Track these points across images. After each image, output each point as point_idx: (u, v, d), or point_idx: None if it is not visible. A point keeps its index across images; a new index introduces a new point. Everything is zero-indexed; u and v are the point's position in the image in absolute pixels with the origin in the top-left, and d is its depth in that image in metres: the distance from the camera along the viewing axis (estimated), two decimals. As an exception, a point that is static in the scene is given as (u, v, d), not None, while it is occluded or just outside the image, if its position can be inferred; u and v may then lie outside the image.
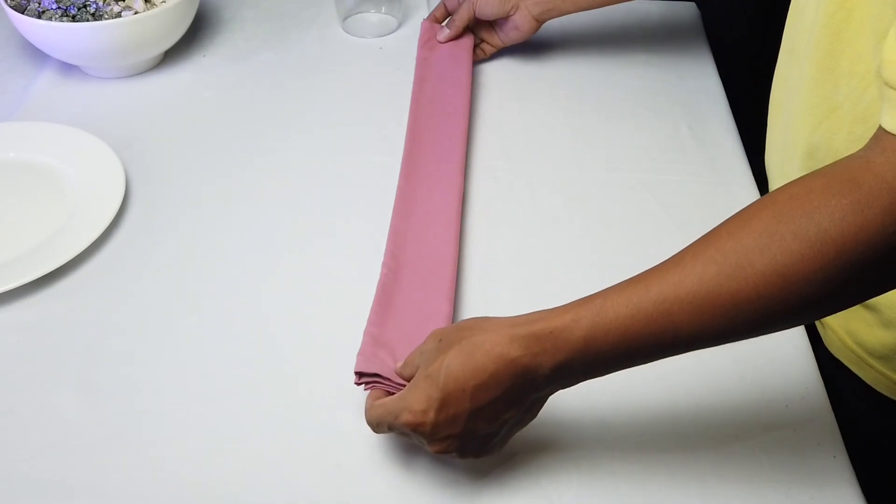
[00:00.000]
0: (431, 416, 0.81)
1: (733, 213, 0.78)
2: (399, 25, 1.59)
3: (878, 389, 1.05)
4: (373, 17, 1.59)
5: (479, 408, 0.81)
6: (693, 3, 1.67)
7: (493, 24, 1.46)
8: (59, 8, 1.36)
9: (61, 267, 1.10)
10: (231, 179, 1.26)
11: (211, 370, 1.01)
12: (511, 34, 1.45)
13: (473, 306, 1.08)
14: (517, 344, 0.80)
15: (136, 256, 1.14)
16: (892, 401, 1.05)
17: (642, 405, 0.98)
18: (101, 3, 1.38)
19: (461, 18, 1.45)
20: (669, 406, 0.98)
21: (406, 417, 0.82)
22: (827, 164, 0.76)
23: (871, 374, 1.05)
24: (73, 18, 1.36)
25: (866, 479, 0.95)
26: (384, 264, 1.08)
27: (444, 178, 1.21)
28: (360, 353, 0.95)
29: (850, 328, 1.05)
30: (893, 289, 0.81)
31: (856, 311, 1.04)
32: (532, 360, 0.80)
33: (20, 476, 0.91)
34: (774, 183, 1.16)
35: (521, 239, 1.17)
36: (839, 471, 0.93)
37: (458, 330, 0.84)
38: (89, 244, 1.12)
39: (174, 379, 1.00)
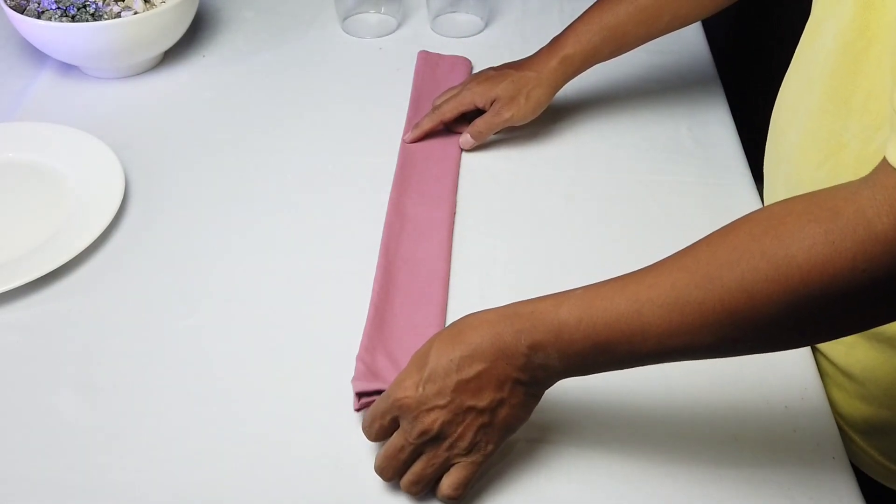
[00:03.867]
0: (420, 389, 0.83)
1: (729, 220, 0.78)
2: (398, 26, 1.59)
3: (863, 470, 1.04)
4: (372, 18, 1.59)
5: (466, 379, 0.82)
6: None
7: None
8: (58, 8, 1.36)
9: (61, 267, 1.10)
10: (230, 180, 1.26)
11: (210, 371, 1.01)
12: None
13: (471, 308, 1.08)
14: (502, 320, 0.83)
15: (135, 257, 1.14)
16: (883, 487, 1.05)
17: (642, 406, 0.98)
18: (100, 4, 1.38)
19: (432, 121, 1.32)
20: (669, 407, 0.98)
21: (394, 393, 0.84)
22: None
23: (853, 449, 1.04)
24: (73, 19, 1.36)
25: (866, 479, 0.95)
26: (375, 280, 1.09)
27: (437, 193, 1.23)
28: (356, 379, 0.96)
29: (830, 396, 1.03)
30: (864, 330, 0.81)
31: (834, 377, 1.04)
32: (513, 336, 0.81)
33: (19, 476, 0.91)
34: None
35: (520, 240, 1.17)
36: (839, 471, 0.93)
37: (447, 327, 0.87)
38: (89, 244, 1.13)
39: (173, 379, 1.00)
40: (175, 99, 1.42)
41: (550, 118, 1.36)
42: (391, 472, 0.88)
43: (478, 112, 1.30)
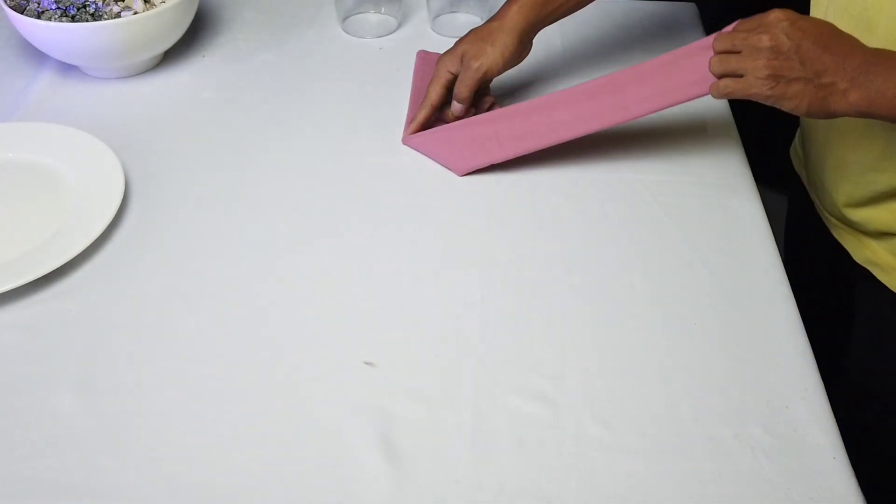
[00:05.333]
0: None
1: (730, 220, 0.78)
2: (399, 26, 1.59)
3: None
4: (372, 18, 1.59)
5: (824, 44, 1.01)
6: (692, 4, 1.68)
7: None
8: (58, 8, 1.36)
9: (61, 267, 1.10)
10: (230, 180, 1.26)
11: (210, 371, 1.01)
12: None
13: (471, 310, 1.08)
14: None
15: (135, 257, 1.14)
16: None
17: (642, 405, 0.98)
18: (100, 4, 1.38)
19: (424, 109, 1.34)
20: (669, 406, 0.98)
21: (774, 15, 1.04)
22: None
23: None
24: (73, 19, 1.36)
25: (866, 479, 0.95)
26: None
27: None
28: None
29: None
30: None
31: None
32: None
33: (19, 476, 0.91)
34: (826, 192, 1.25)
35: (521, 239, 1.18)
36: (839, 471, 0.93)
37: None
38: (88, 245, 1.12)
39: (173, 379, 1.00)
40: (175, 99, 1.42)
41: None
42: None
43: None
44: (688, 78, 1.17)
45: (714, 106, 1.40)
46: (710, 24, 1.60)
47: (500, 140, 1.27)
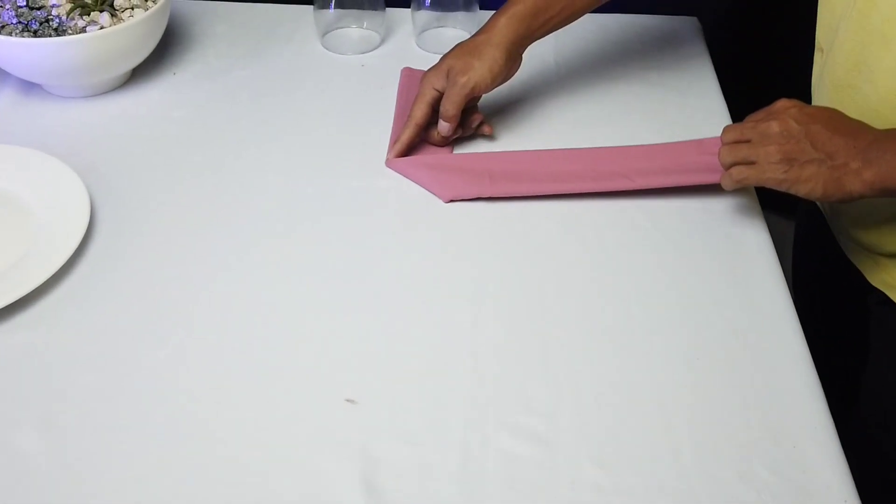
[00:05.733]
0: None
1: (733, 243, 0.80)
2: (382, 41, 1.61)
3: None
4: (354, 33, 1.60)
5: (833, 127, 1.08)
6: (695, 17, 1.69)
7: None
8: (19, 23, 1.36)
9: (23, 298, 1.11)
10: (204, 205, 1.27)
11: (183, 408, 1.01)
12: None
13: (459, 344, 1.09)
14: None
15: (102, 287, 1.15)
16: None
17: (641, 444, 0.99)
18: (64, 18, 1.38)
19: (409, 129, 1.34)
20: (670, 445, 0.99)
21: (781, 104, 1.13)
22: None
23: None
24: (35, 34, 1.36)
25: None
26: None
27: None
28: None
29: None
30: None
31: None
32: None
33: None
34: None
35: (512, 268, 1.19)
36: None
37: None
38: (52, 274, 1.13)
39: (144, 417, 1.00)
40: (144, 119, 1.43)
41: (541, 138, 1.38)
42: None
43: None
44: (696, 164, 1.25)
45: (718, 127, 1.39)
46: (714, 38, 1.62)
47: (494, 177, 1.29)
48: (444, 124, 1.32)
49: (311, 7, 1.59)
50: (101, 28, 1.38)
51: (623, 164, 1.30)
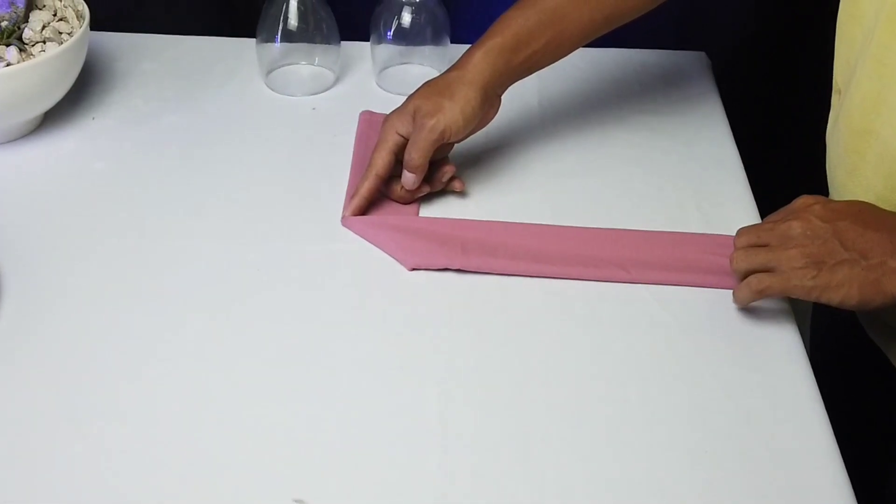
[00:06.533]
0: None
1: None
2: (336, 80, 1.62)
3: None
4: (304, 71, 1.61)
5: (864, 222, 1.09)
6: (702, 52, 1.70)
7: None
8: (-90, 59, 1.37)
9: (-88, 384, 1.10)
10: (127, 274, 1.27)
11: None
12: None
13: (426, 436, 1.09)
14: None
15: (9, 369, 1.14)
16: None
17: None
18: (-36, 54, 1.38)
19: (368, 180, 1.34)
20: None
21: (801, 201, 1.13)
22: None
23: None
24: (-70, 72, 1.36)
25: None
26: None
27: None
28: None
29: None
30: None
31: None
32: None
33: None
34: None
35: (488, 347, 1.19)
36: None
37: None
38: (-52, 355, 1.13)
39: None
40: (59, 171, 1.44)
41: (526, 196, 1.39)
42: None
43: None
44: (704, 264, 1.26)
45: (729, 179, 1.42)
46: (724, 77, 1.63)
47: (467, 248, 1.29)
48: (409, 176, 1.31)
49: (254, 41, 1.60)
50: (8, 65, 1.37)
51: (618, 251, 1.30)
